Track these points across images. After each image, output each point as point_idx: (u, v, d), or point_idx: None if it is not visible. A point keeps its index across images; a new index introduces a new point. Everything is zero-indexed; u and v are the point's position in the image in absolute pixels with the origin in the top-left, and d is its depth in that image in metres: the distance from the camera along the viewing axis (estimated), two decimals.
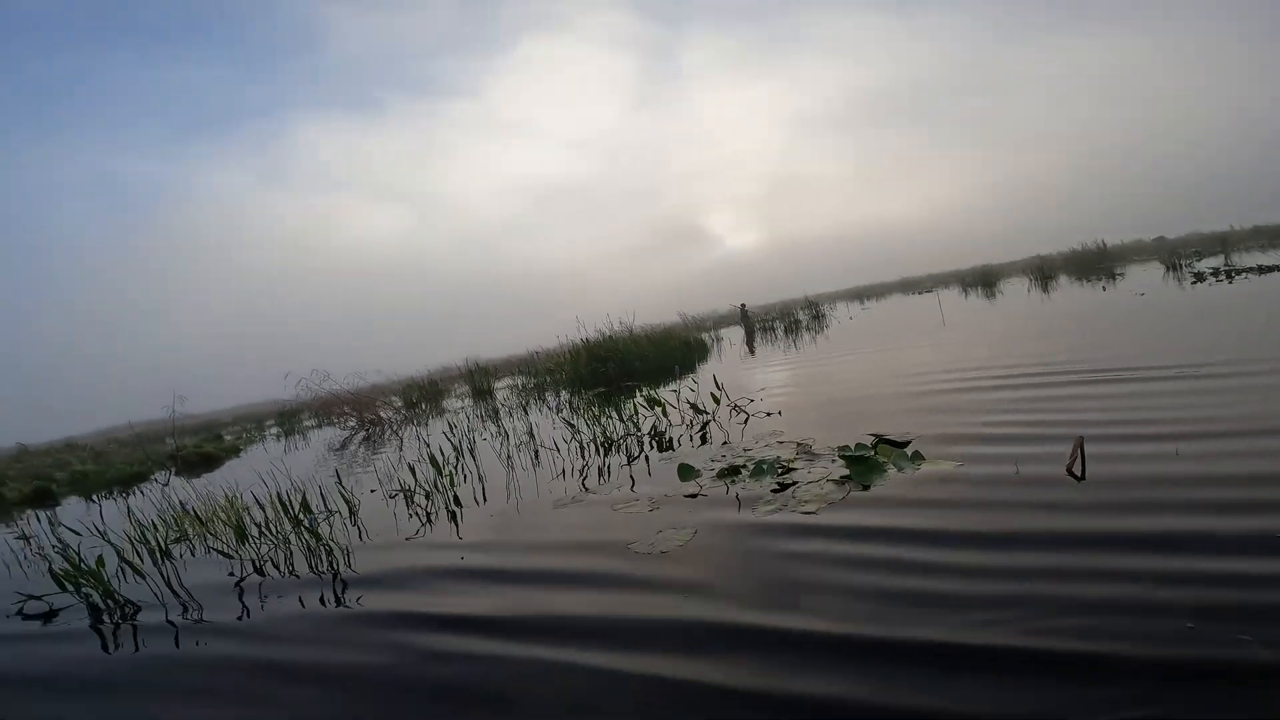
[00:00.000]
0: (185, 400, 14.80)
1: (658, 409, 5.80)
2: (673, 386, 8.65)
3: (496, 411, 11.04)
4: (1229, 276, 11.65)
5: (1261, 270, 11.87)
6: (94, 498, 10.84)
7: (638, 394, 7.25)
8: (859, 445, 3.55)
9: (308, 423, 18.83)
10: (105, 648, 3.00)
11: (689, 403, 5.90)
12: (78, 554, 3.89)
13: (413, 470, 5.27)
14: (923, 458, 3.35)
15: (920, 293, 31.36)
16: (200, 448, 14.60)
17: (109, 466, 13.56)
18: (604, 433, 5.62)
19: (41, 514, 9.30)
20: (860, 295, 42.78)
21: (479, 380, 16.36)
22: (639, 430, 5.60)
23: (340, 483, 5.30)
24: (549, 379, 13.99)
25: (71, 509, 9.25)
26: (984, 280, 25.76)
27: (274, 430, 19.80)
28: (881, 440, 3.75)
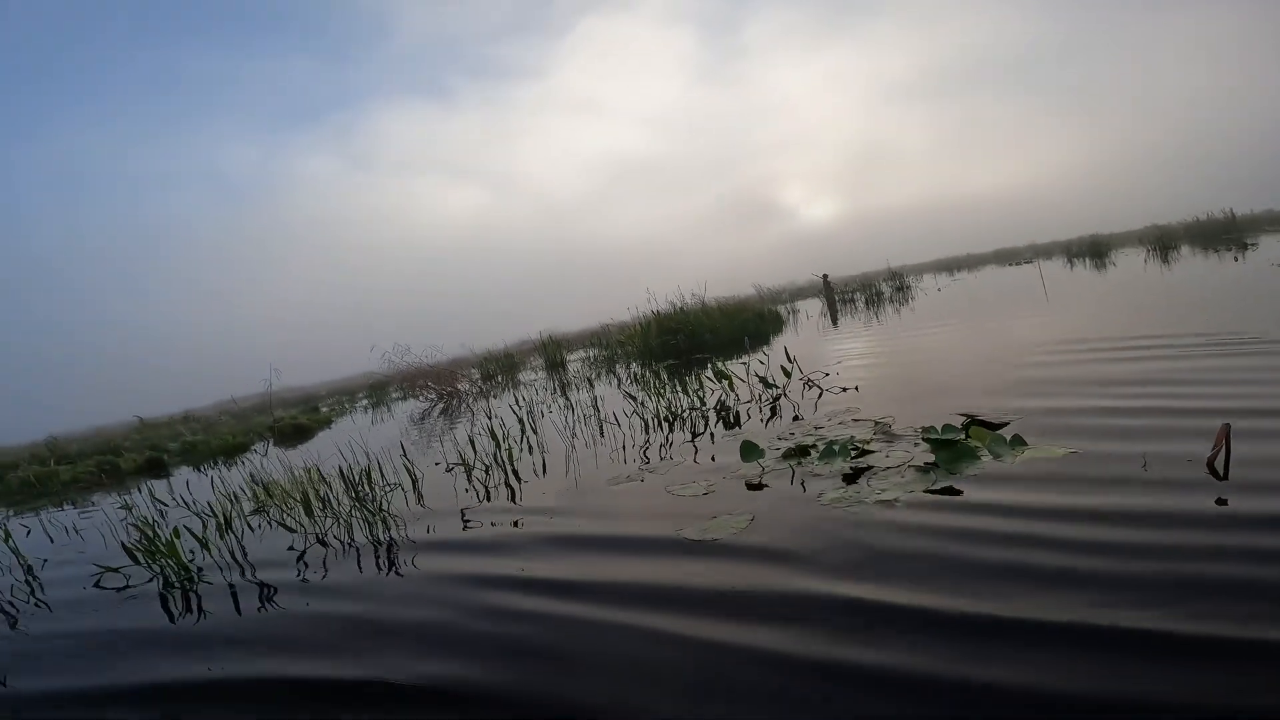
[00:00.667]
0: (280, 374, 15.56)
1: (724, 382, 5.51)
2: (743, 359, 8.32)
3: (566, 385, 11.00)
4: None
5: None
6: (200, 467, 11.58)
7: (707, 367, 7.01)
8: (946, 427, 3.12)
9: (394, 395, 19.53)
10: (196, 608, 3.08)
11: (758, 376, 5.58)
12: (152, 528, 4.00)
13: (473, 444, 5.23)
14: (1024, 443, 2.89)
15: (1018, 264, 29.30)
16: (295, 419, 15.35)
17: (215, 437, 14.45)
18: (668, 407, 5.40)
19: (151, 483, 9.99)
20: (949, 267, 40.41)
21: (552, 353, 16.45)
22: (703, 405, 5.35)
23: (405, 455, 5.32)
24: (619, 351, 13.86)
25: (179, 479, 9.81)
26: (1093, 251, 23.70)
27: (364, 402, 20.62)
28: (974, 421, 3.33)
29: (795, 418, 4.48)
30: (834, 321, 13.60)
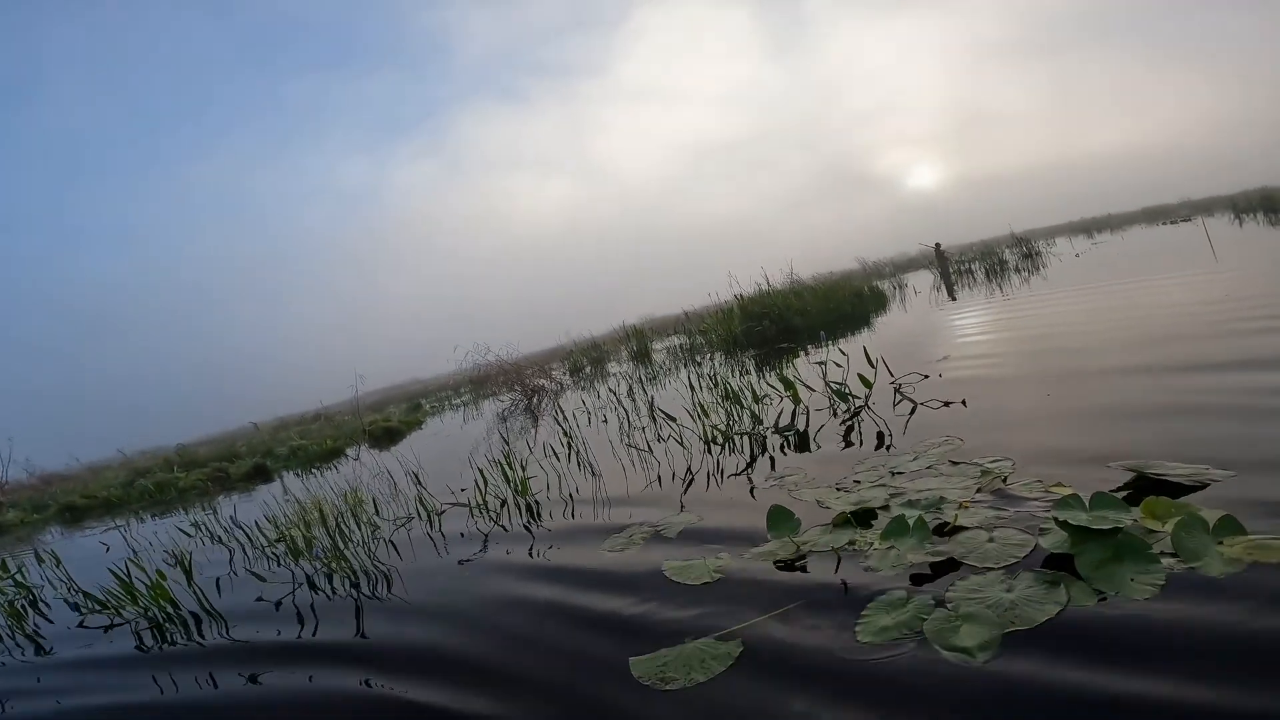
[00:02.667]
0: (365, 379, 15.91)
1: (790, 392, 4.42)
2: (831, 349, 7.08)
3: (643, 380, 10.21)
4: None
5: None
6: (301, 472, 11.84)
7: (789, 358, 5.96)
8: (1098, 497, 1.85)
9: (488, 393, 19.63)
10: None
11: (829, 384, 4.44)
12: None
13: (483, 474, 4.46)
14: (1241, 528, 1.65)
15: (1173, 223, 25.28)
16: (388, 422, 15.58)
17: (315, 442, 14.85)
18: (720, 427, 4.41)
19: (228, 499, 10.18)
20: (1088, 229, 35.77)
21: (635, 343, 15.75)
22: (760, 425, 4.31)
23: (420, 485, 4.70)
24: (702, 340, 12.86)
25: (276, 487, 9.86)
26: (1266, 204, 19.94)
27: (460, 400, 20.87)
28: (1145, 478, 2.13)
29: (879, 443, 3.39)
30: (950, 295, 11.93)
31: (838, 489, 2.75)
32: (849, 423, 3.96)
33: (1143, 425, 2.77)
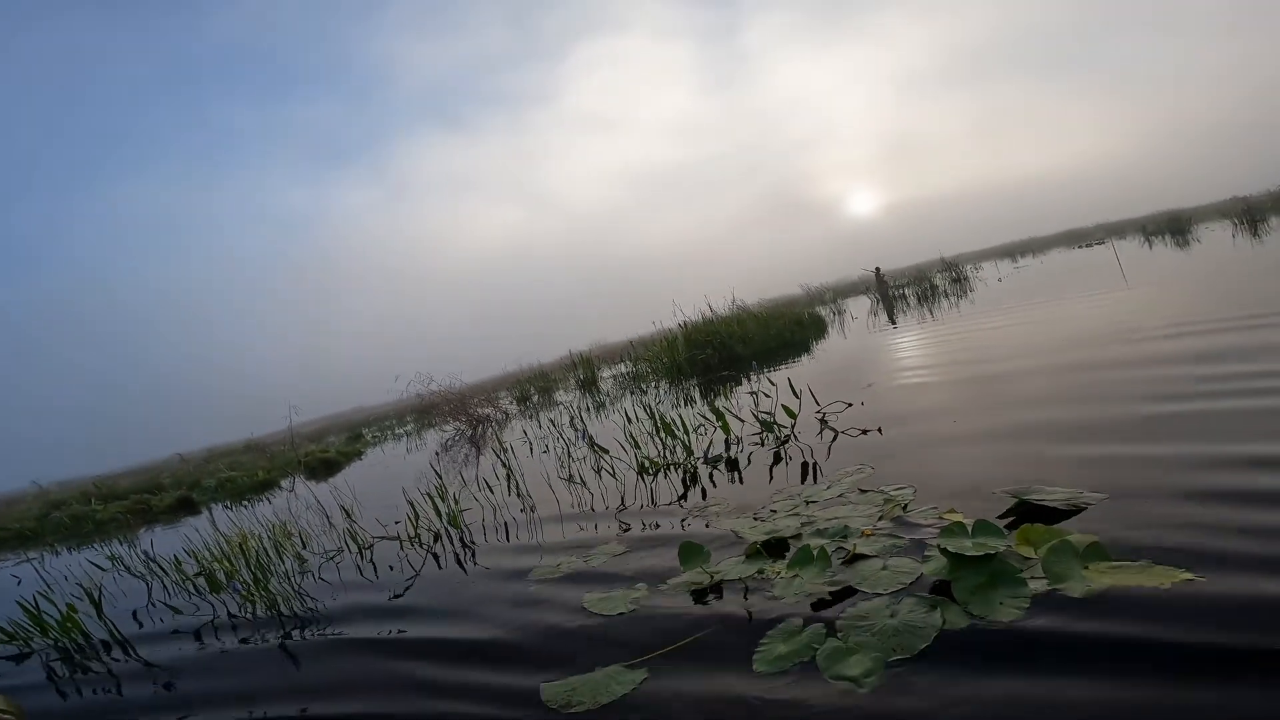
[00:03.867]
0: (299, 411, 15.50)
1: (720, 423, 4.54)
2: (764, 376, 7.28)
3: (587, 409, 10.25)
4: None
5: None
6: (228, 504, 11.41)
7: (739, 384, 6.10)
8: (979, 524, 2.00)
9: (432, 422, 19.34)
10: None
11: (755, 415, 4.58)
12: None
13: (413, 506, 4.45)
14: (1106, 555, 1.78)
15: (1088, 245, 26.88)
16: (325, 453, 15.15)
17: (246, 474, 14.32)
18: (660, 453, 4.49)
19: (147, 532, 9.72)
20: (1011, 252, 37.66)
21: (583, 371, 15.78)
22: (691, 455, 4.41)
23: (352, 522, 4.63)
24: (648, 368, 12.99)
25: (202, 520, 9.51)
26: (1172, 227, 21.45)
27: (403, 430, 20.47)
28: (1024, 503, 2.29)
29: (804, 472, 3.51)
30: (891, 319, 12.38)
31: (755, 518, 2.85)
32: (776, 452, 4.09)
33: (1027, 446, 2.97)
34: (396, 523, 4.69)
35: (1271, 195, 22.06)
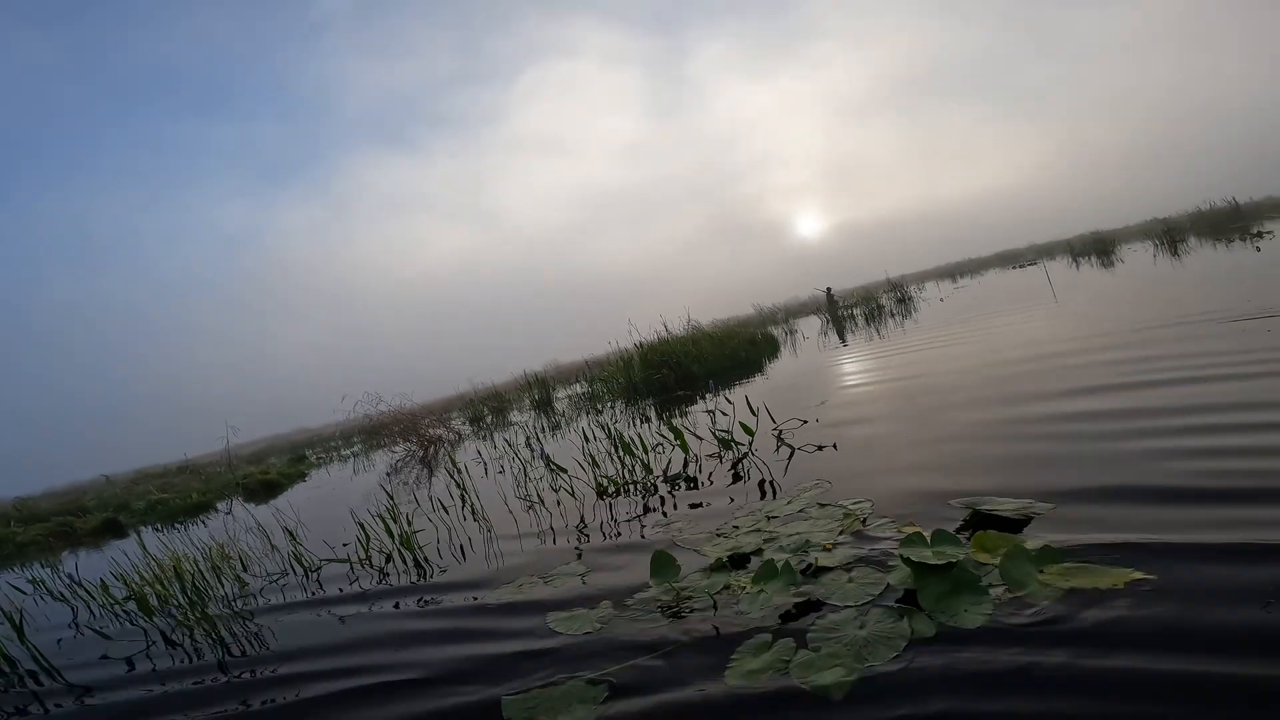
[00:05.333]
0: (238, 431, 14.94)
1: (679, 441, 4.55)
2: (722, 395, 7.35)
3: (544, 429, 10.16)
4: None
5: None
6: (158, 527, 10.87)
7: (695, 403, 6.13)
8: (937, 534, 2.05)
9: (381, 443, 18.88)
10: None
11: (714, 433, 4.62)
12: None
13: (363, 528, 4.31)
14: (1058, 556, 1.86)
15: (1021, 266, 28.18)
16: (266, 473, 14.58)
17: (179, 496, 13.68)
18: (619, 472, 4.48)
19: (69, 555, 9.18)
20: (952, 273, 39.20)
21: (538, 392, 15.63)
22: (650, 473, 4.40)
23: (297, 545, 4.45)
24: (604, 389, 12.96)
25: (131, 543, 9.03)
26: (1097, 248, 22.72)
27: (350, 451, 19.89)
28: (978, 513, 2.37)
29: (762, 489, 3.54)
30: (841, 338, 12.67)
31: (718, 534, 2.85)
32: (734, 469, 4.12)
33: (977, 457, 3.07)
34: (345, 545, 4.55)
35: (1189, 216, 23.61)
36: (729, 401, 5.03)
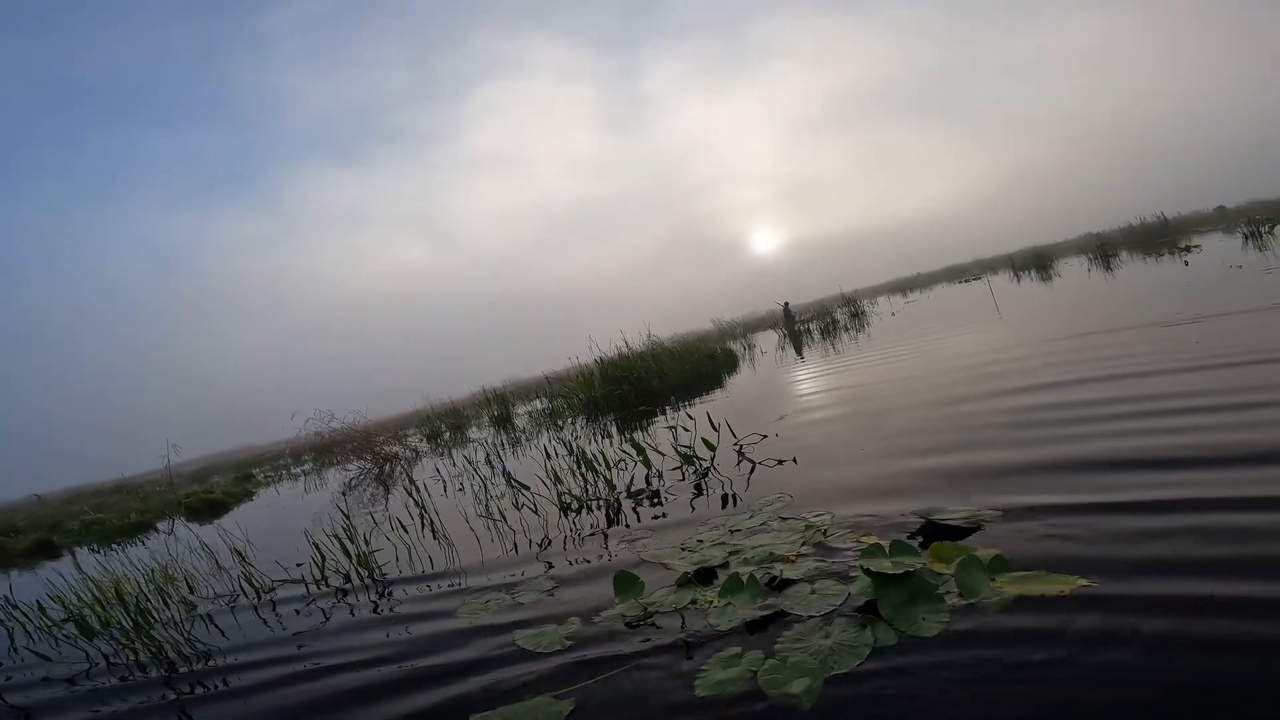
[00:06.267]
0: (179, 449, 14.39)
1: (641, 457, 4.58)
2: (683, 410, 7.43)
3: (504, 446, 10.06)
4: None
5: None
6: (95, 547, 10.42)
7: (656, 418, 6.17)
8: (895, 545, 2.10)
9: (333, 461, 18.44)
10: None
11: (676, 449, 4.67)
12: None
13: (318, 548, 4.21)
14: (1008, 565, 1.95)
15: (967, 280, 29.24)
16: (210, 492, 14.07)
17: (117, 516, 13.10)
18: (582, 488, 4.48)
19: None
20: (903, 288, 40.36)
21: (497, 408, 15.46)
22: (614, 489, 4.42)
23: (248, 566, 4.31)
24: (564, 404, 12.91)
25: (66, 564, 8.61)
26: (1036, 262, 23.75)
27: (300, 469, 19.36)
28: (933, 525, 2.44)
29: (724, 503, 3.59)
30: (799, 352, 12.91)
31: (683, 549, 2.89)
32: (697, 484, 4.16)
33: (929, 467, 3.18)
34: (300, 565, 4.44)
35: (1122, 231, 24.88)
36: (690, 417, 5.09)
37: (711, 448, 4.41)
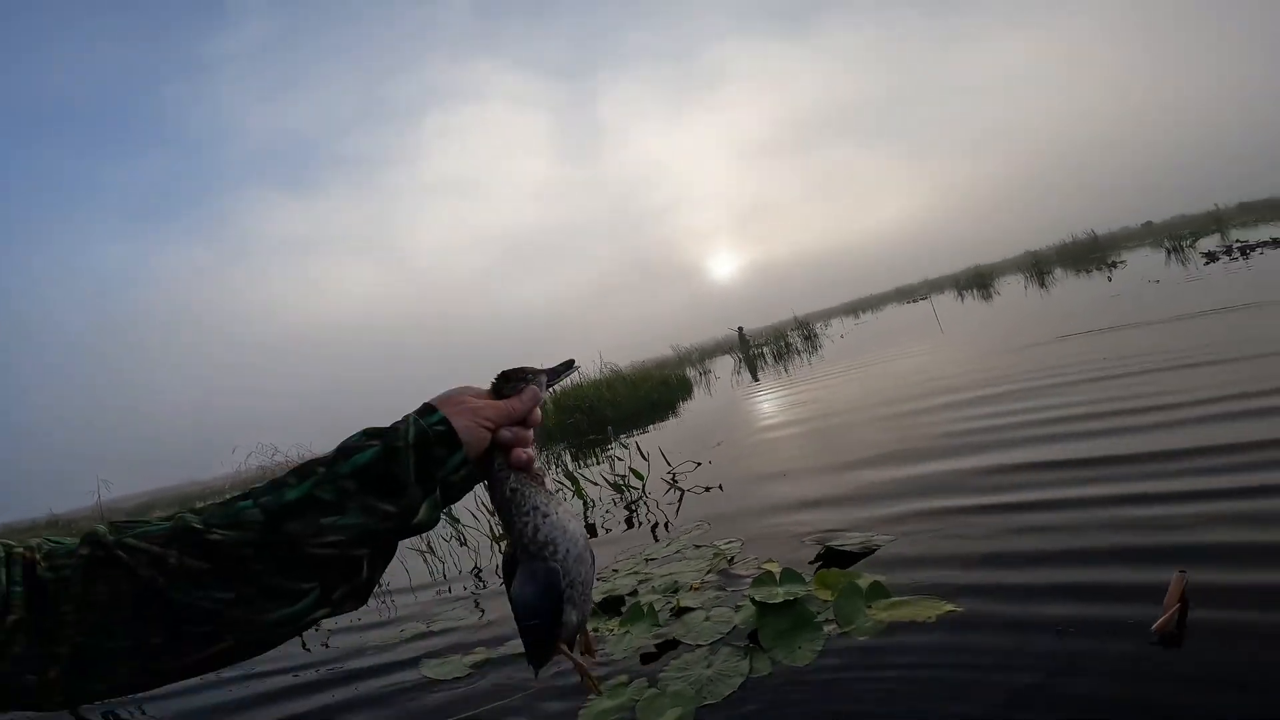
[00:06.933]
0: (110, 485, 13.87)
1: (574, 486, 4.63)
2: (653, 431, 7.52)
3: None
4: (1242, 253, 10.56)
5: (1277, 243, 10.76)
6: None
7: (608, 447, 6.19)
8: (785, 573, 2.20)
9: None
10: None
11: (607, 480, 4.75)
12: None
13: None
14: (886, 592, 2.03)
15: (914, 300, 30.12)
16: None
17: None
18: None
19: None
20: (854, 309, 41.29)
21: None
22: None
23: None
24: None
25: None
26: (978, 281, 24.64)
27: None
28: (829, 549, 2.52)
29: (656, 530, 3.66)
30: (754, 376, 13.09)
31: (598, 579, 2.95)
32: (630, 511, 4.23)
33: (841, 494, 3.27)
34: None
35: (1056, 249, 26.02)
36: (623, 447, 5.18)
37: (640, 477, 4.48)
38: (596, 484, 4.89)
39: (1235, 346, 4.15)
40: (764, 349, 18.34)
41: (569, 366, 0.84)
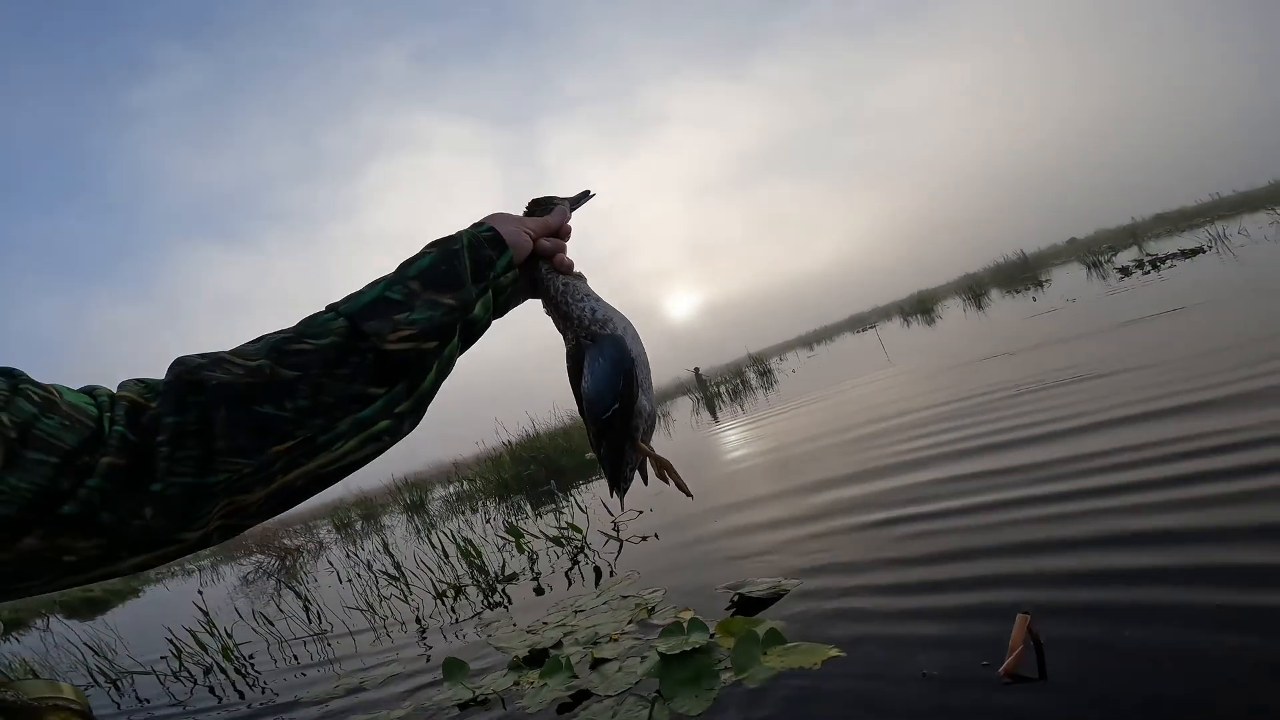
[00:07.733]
0: None
1: (516, 540, 4.74)
2: (570, 493, 7.64)
3: (384, 541, 9.92)
4: (1154, 266, 11.38)
5: (1185, 254, 11.62)
6: None
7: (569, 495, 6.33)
8: (692, 622, 2.36)
9: (232, 556, 17.62)
10: None
11: (545, 534, 4.93)
12: None
13: (174, 642, 4.30)
14: (782, 638, 2.17)
15: (864, 329, 30.96)
16: (88, 591, 13.32)
17: None
18: (455, 575, 4.63)
19: None
20: (809, 342, 42.01)
21: (408, 495, 15.25)
22: (484, 573, 4.52)
23: (102, 658, 4.20)
24: (474, 487, 12.90)
25: None
26: (921, 307, 25.57)
27: (197, 564, 18.39)
28: (742, 596, 2.67)
29: (596, 580, 3.78)
30: (714, 415, 13.30)
31: (528, 631, 3.06)
32: (574, 558, 4.36)
33: (765, 542, 3.36)
34: (163, 657, 4.55)
35: (990, 270, 27.23)
36: (564, 498, 5.34)
37: (578, 530, 4.62)
38: (537, 537, 5.00)
39: (1119, 360, 4.40)
40: (720, 388, 18.65)
41: (586, 196, 0.97)
